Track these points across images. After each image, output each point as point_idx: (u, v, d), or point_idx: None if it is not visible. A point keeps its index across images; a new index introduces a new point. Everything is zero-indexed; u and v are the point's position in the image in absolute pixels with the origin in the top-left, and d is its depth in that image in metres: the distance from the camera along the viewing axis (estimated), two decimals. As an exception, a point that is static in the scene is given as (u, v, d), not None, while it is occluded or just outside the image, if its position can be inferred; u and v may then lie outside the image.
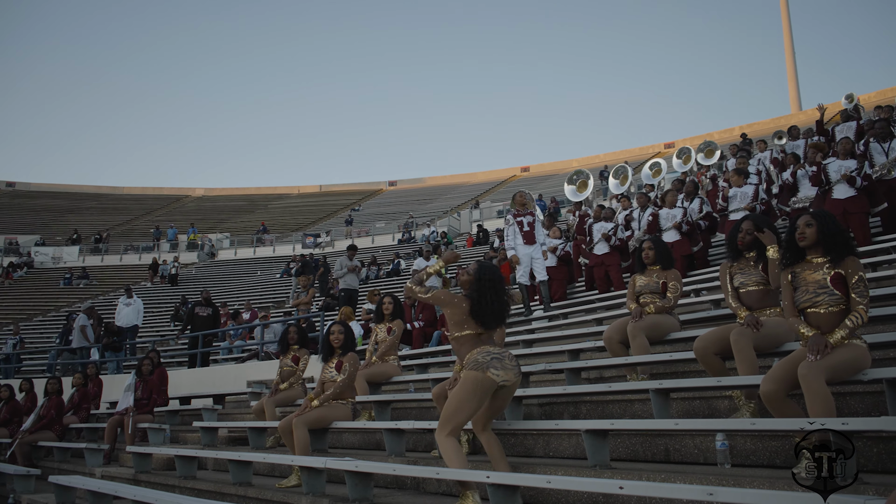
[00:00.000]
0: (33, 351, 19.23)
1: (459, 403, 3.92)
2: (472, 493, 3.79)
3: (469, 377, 3.93)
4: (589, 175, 14.49)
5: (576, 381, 5.56)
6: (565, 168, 44.99)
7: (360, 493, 4.28)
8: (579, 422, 4.10)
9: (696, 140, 34.46)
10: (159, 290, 27.46)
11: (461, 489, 3.84)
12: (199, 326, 12.96)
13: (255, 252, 34.04)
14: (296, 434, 5.56)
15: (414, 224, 32.31)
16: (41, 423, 9.82)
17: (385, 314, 7.39)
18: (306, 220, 44.02)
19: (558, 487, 3.28)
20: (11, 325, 22.33)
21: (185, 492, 5.98)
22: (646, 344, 5.17)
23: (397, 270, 21.51)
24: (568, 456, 4.66)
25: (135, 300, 15.21)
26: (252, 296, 22.68)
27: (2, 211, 47.31)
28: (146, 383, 9.32)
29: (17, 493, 7.50)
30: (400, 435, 5.30)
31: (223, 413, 9.32)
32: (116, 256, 35.09)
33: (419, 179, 53.79)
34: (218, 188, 56.02)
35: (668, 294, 5.50)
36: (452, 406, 3.95)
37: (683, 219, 9.17)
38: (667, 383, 4.18)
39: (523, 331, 8.83)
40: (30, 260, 33.84)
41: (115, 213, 48.61)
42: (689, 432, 3.97)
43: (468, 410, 3.93)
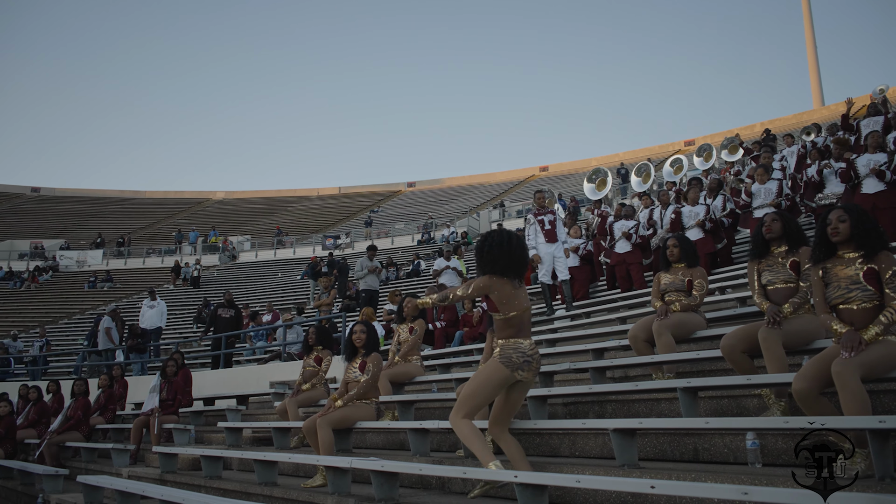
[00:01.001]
0: (59, 353, 19.50)
1: (479, 387, 3.98)
2: (493, 463, 3.86)
3: (496, 367, 3.96)
4: (607, 173, 14.43)
5: (601, 380, 5.52)
6: (584, 167, 44.80)
7: (385, 493, 4.27)
8: (607, 420, 4.05)
9: (717, 137, 34.16)
10: (182, 293, 27.72)
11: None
12: (221, 328, 13.06)
13: (275, 254, 34.27)
14: (320, 434, 5.57)
15: (433, 225, 32.34)
16: (68, 423, 9.94)
17: (407, 315, 7.39)
18: (326, 221, 44.24)
19: (588, 487, 3.24)
20: (38, 327, 22.68)
21: (211, 492, 6.01)
22: (672, 342, 5.12)
23: (417, 271, 21.51)
24: (594, 455, 4.62)
25: (158, 302, 15.37)
26: (273, 297, 22.81)
27: (27, 216, 48.13)
28: (171, 384, 9.40)
29: (46, 492, 7.60)
30: (424, 435, 5.28)
31: (247, 414, 9.38)
32: (139, 259, 35.49)
33: (438, 180, 53.86)
34: (238, 191, 56.53)
35: (693, 292, 5.44)
36: (471, 389, 4.00)
37: (707, 216, 9.07)
38: (695, 382, 4.12)
39: (546, 330, 8.79)
40: (55, 264, 34.31)
41: (137, 217, 49.20)
42: (718, 431, 3.92)
43: (485, 396, 4.00)
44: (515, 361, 3.94)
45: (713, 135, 39.54)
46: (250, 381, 11.48)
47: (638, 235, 9.77)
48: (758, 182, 8.81)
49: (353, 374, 5.95)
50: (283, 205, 51.96)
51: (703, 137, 39.54)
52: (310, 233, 38.77)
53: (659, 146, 45.43)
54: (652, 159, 33.22)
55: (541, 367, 4.05)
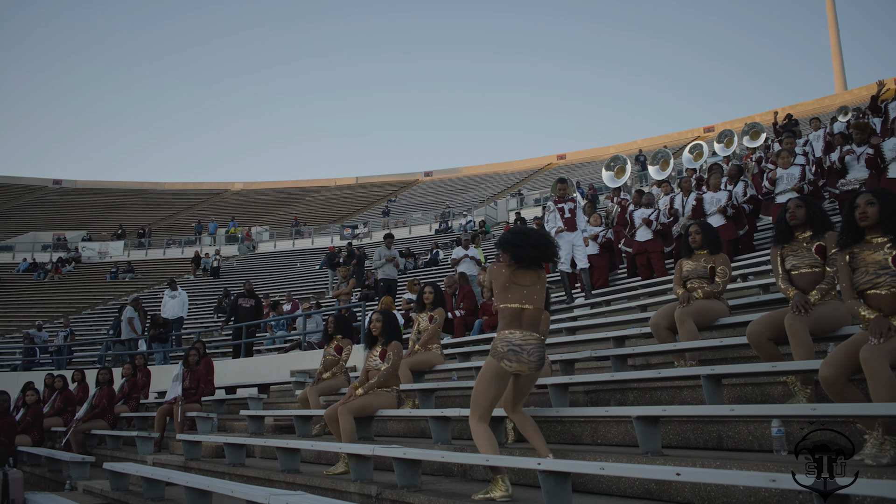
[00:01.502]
0: (83, 343, 19.78)
1: (480, 389, 4.00)
2: (502, 479, 3.82)
3: (487, 364, 4.00)
4: (626, 160, 14.28)
5: (622, 367, 5.49)
6: (602, 155, 44.51)
7: (408, 480, 4.29)
8: (630, 408, 4.04)
9: (737, 123, 33.75)
10: (202, 283, 27.97)
11: (492, 474, 3.86)
12: (242, 317, 13.17)
13: (293, 244, 34.44)
14: (341, 422, 5.60)
15: (451, 214, 32.30)
16: (94, 412, 10.09)
17: (426, 303, 7.40)
18: (344, 211, 44.38)
19: (612, 474, 3.23)
20: (62, 318, 23.03)
21: (235, 478, 6.08)
22: (694, 330, 5.07)
23: (435, 260, 21.52)
24: (617, 443, 4.61)
25: (179, 292, 15.51)
26: (292, 287, 22.95)
27: (50, 208, 48.76)
28: (193, 373, 9.50)
29: (73, 479, 7.73)
30: (445, 423, 5.30)
31: (268, 402, 9.45)
32: (160, 250, 35.83)
33: (455, 169, 53.79)
34: (256, 182, 56.85)
35: (716, 279, 5.38)
36: (476, 392, 4.02)
37: (728, 202, 8.97)
38: (719, 369, 4.08)
39: (566, 318, 8.76)
40: (77, 255, 34.75)
41: (157, 208, 49.66)
42: (743, 419, 3.89)
43: (491, 395, 3.99)
44: (500, 351, 3.90)
45: (733, 121, 39.09)
46: (271, 369, 11.58)
47: (658, 223, 9.69)
48: (781, 167, 8.69)
49: (374, 362, 5.97)
50: (301, 195, 52.18)
51: (723, 124, 39.09)
52: (328, 223, 38.90)
53: (678, 133, 44.99)
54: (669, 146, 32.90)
55: (542, 361, 4.00)
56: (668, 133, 45.54)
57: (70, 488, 7.61)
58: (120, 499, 6.37)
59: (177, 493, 5.82)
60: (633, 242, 9.98)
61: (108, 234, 39.57)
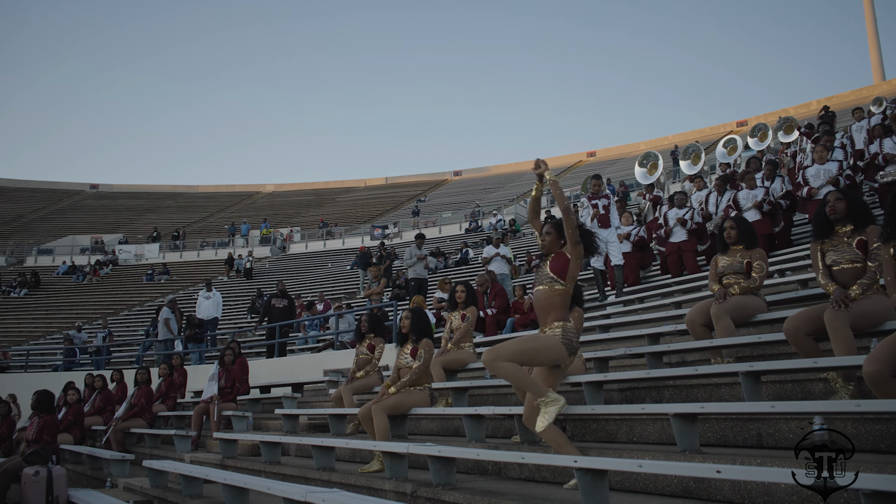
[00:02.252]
0: (121, 343, 20.18)
1: (530, 350, 4.04)
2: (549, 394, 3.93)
3: (557, 346, 4.04)
4: (658, 157, 14.14)
5: (657, 365, 5.43)
6: (633, 151, 44.10)
7: (443, 478, 4.29)
8: (667, 405, 3.99)
9: (771, 117, 33.16)
10: (235, 284, 28.33)
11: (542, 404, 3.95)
12: (275, 318, 13.31)
13: (324, 245, 34.72)
14: (375, 421, 5.62)
15: (480, 213, 32.27)
16: (133, 411, 10.29)
17: (458, 302, 7.39)
18: (374, 212, 44.61)
19: (650, 472, 3.20)
20: (100, 319, 23.52)
21: (271, 476, 6.14)
22: (731, 326, 4.99)
23: (466, 259, 21.51)
24: (653, 441, 4.56)
25: (214, 293, 15.74)
26: (324, 287, 23.13)
27: (87, 212, 49.85)
28: (228, 373, 9.62)
29: (114, 476, 7.89)
30: (479, 421, 5.29)
31: (302, 401, 9.54)
32: (194, 252, 36.41)
33: (484, 168, 53.76)
34: (287, 184, 57.44)
35: (752, 274, 5.29)
36: (523, 347, 4.04)
37: (765, 198, 8.81)
38: (758, 365, 4.01)
39: (598, 316, 8.70)
40: (114, 258, 35.48)
41: (191, 211, 50.45)
42: (783, 416, 3.82)
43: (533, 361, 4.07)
44: (573, 345, 4.06)
45: (766, 114, 38.41)
46: (304, 369, 11.69)
47: (693, 222, 9.55)
48: (816, 162, 8.51)
49: (405, 360, 5.98)
50: (331, 196, 52.58)
51: (757, 117, 38.46)
52: (358, 223, 39.13)
53: (710, 128, 44.41)
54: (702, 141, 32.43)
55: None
56: (700, 128, 44.99)
57: (111, 485, 7.76)
58: (159, 496, 6.48)
59: (214, 490, 5.91)
60: (666, 243, 9.83)
61: (143, 236, 40.33)
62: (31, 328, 25.99)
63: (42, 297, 30.03)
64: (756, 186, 9.06)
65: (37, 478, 6.75)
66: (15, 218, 47.58)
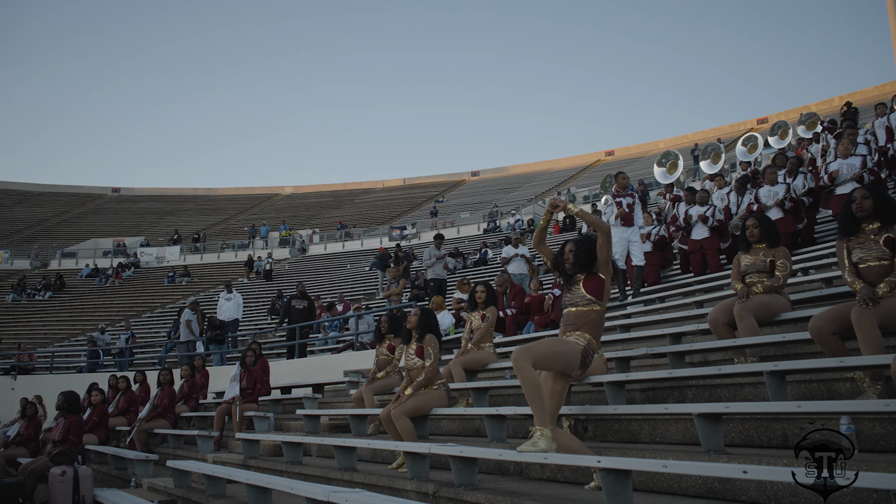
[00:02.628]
0: (143, 345, 20.40)
1: (554, 354, 4.04)
2: (541, 430, 3.86)
3: (576, 354, 4.06)
4: (678, 156, 14.03)
5: (680, 364, 5.39)
6: (652, 150, 43.85)
7: (464, 479, 4.29)
8: (691, 405, 3.96)
9: (792, 114, 32.78)
10: (255, 286, 28.54)
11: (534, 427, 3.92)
12: (296, 318, 13.39)
13: (343, 246, 34.83)
14: (399, 425, 5.60)
15: (499, 213, 32.25)
16: (156, 411, 10.40)
17: (479, 302, 7.39)
18: (392, 213, 44.71)
19: (675, 472, 3.18)
20: (123, 321, 23.79)
21: (293, 476, 6.18)
22: (754, 325, 4.94)
23: (484, 260, 21.50)
24: (676, 442, 4.53)
25: (234, 295, 15.86)
26: (343, 288, 23.23)
27: (109, 215, 50.48)
28: (250, 374, 9.69)
29: (139, 476, 7.98)
30: (501, 421, 5.29)
31: (323, 402, 9.59)
32: (214, 254, 36.70)
33: (502, 168, 53.69)
34: (306, 185, 57.81)
35: (776, 272, 5.24)
36: (549, 350, 4.04)
37: (787, 195, 8.71)
38: (783, 365, 3.97)
39: (619, 315, 8.64)
40: (136, 260, 35.88)
41: (211, 214, 50.91)
42: (809, 416, 3.77)
43: (550, 364, 4.06)
44: (587, 363, 4.12)
45: (788, 111, 38.01)
46: (325, 370, 11.75)
47: (715, 219, 9.47)
48: (840, 156, 8.40)
49: (412, 360, 5.91)
50: (350, 197, 52.80)
51: (778, 114, 38.06)
52: (376, 224, 39.25)
53: (730, 125, 43.98)
54: (722, 139, 32.16)
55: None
56: (720, 126, 44.59)
57: (136, 485, 7.85)
58: (183, 495, 6.54)
59: (237, 490, 5.96)
60: (688, 240, 9.77)
61: (164, 239, 40.73)
62: (55, 330, 26.36)
63: (66, 299, 30.46)
64: (777, 183, 8.96)
65: (63, 478, 6.86)
66: (39, 222, 48.31)
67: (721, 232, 9.53)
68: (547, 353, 4.03)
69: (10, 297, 30.56)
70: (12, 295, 30.69)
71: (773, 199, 8.77)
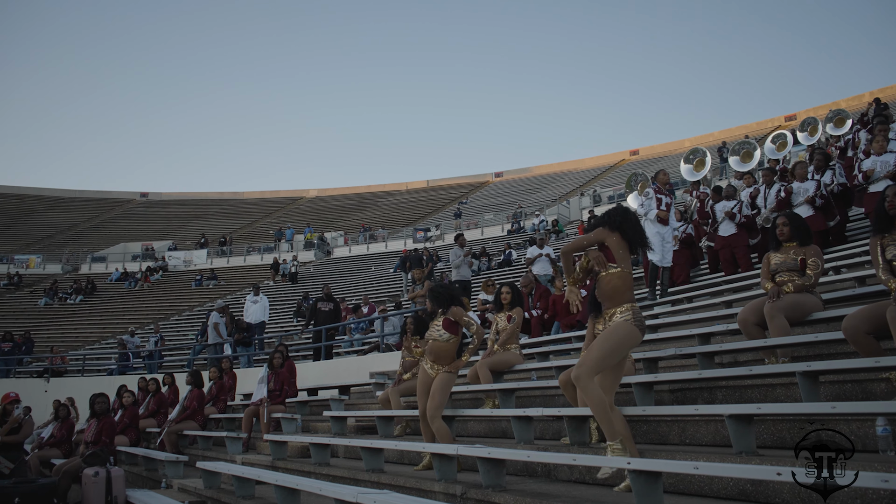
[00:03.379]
0: (172, 347, 20.67)
1: (612, 350, 3.97)
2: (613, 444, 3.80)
3: (631, 331, 3.99)
4: (706, 153, 13.86)
5: (709, 365, 5.33)
6: (677, 149, 43.42)
7: (492, 480, 4.29)
8: (722, 406, 3.91)
9: (821, 110, 32.29)
10: (280, 288, 28.76)
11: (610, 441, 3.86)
12: (321, 321, 13.47)
13: (368, 248, 34.97)
14: (434, 427, 5.56)
15: (523, 214, 32.15)
16: (185, 413, 10.53)
17: (504, 303, 7.38)
18: (416, 215, 44.80)
19: (707, 474, 3.14)
20: (152, 324, 24.13)
21: (321, 477, 6.21)
22: (786, 325, 4.87)
23: (509, 261, 21.45)
24: (706, 443, 4.48)
25: (261, 297, 16.01)
26: (368, 290, 23.32)
27: (138, 220, 51.26)
28: (277, 375, 9.78)
29: (169, 477, 8.08)
30: (528, 422, 5.27)
31: (349, 403, 9.63)
32: (240, 258, 37.06)
33: (526, 169, 53.54)
34: (330, 188, 58.18)
35: (807, 271, 5.16)
36: (602, 351, 3.95)
37: (817, 192, 8.56)
38: (815, 365, 3.91)
39: (646, 316, 8.55)
40: (164, 264, 36.37)
41: (237, 217, 51.44)
42: (843, 417, 3.70)
43: (614, 359, 4.01)
44: (643, 323, 4.04)
45: (817, 107, 37.43)
46: (351, 371, 11.80)
47: (742, 215, 9.34)
48: (874, 153, 8.23)
49: (437, 332, 5.69)
50: (373, 200, 53.01)
51: (806, 111, 37.49)
52: (400, 226, 39.35)
53: (757, 123, 43.41)
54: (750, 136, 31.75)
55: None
56: (747, 123, 44.01)
57: (166, 486, 7.96)
58: (213, 496, 6.61)
59: (266, 491, 6.01)
60: (716, 237, 9.66)
61: (192, 243, 41.24)
62: (86, 333, 26.83)
63: (96, 303, 30.98)
64: (807, 178, 8.82)
65: (96, 478, 6.97)
66: (70, 227, 49.21)
67: (749, 228, 9.40)
68: (607, 350, 3.96)
69: (43, 301, 31.15)
70: (45, 299, 31.28)
71: (803, 196, 8.64)
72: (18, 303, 31.86)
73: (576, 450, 4.62)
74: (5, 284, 34.44)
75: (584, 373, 3.90)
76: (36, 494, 6.50)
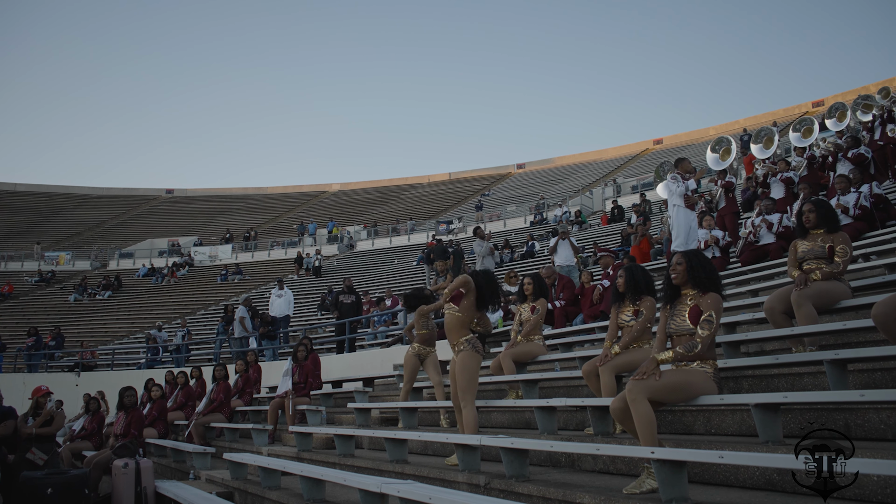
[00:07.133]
0: (199, 341, 20.94)
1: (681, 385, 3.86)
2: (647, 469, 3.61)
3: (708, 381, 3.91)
4: (731, 141, 13.66)
5: (735, 354, 5.28)
6: (702, 137, 42.90)
7: (516, 470, 4.28)
8: (748, 395, 3.86)
9: (850, 95, 31.66)
10: (304, 282, 28.95)
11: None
12: (343, 313, 13.54)
13: (391, 241, 35.05)
14: (465, 414, 5.50)
15: (545, 205, 31.99)
16: (212, 406, 10.67)
17: (527, 294, 7.34)
18: (438, 207, 44.80)
19: (732, 463, 3.10)
20: (179, 318, 24.45)
21: (346, 468, 6.26)
22: (813, 313, 4.79)
23: (532, 252, 21.38)
24: (732, 433, 4.43)
25: (286, 291, 16.13)
26: (391, 283, 23.39)
27: (164, 216, 51.90)
28: (302, 368, 9.85)
29: (197, 468, 8.20)
30: (551, 413, 5.25)
31: (373, 395, 9.68)
32: (265, 252, 37.37)
33: (548, 160, 53.26)
34: (353, 182, 58.38)
35: (835, 258, 5.06)
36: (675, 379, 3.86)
37: (856, 204, 8.39)
38: (844, 353, 3.84)
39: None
40: (190, 259, 36.80)
41: (261, 212, 51.86)
42: (873, 405, 3.64)
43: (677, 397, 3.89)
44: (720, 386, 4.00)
45: (845, 93, 36.70)
46: (374, 364, 11.86)
47: (781, 226, 9.15)
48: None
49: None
50: (396, 193, 53.10)
51: (834, 96, 36.80)
52: (423, 219, 39.38)
53: (783, 109, 42.72)
54: (777, 123, 31.22)
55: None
56: (773, 110, 43.33)
57: (194, 477, 8.07)
58: (240, 487, 6.69)
59: (292, 482, 6.07)
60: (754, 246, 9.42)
61: (217, 238, 41.67)
62: (115, 328, 27.25)
63: (125, 298, 31.44)
64: (850, 191, 8.64)
65: (126, 469, 7.08)
66: (98, 224, 50.00)
67: (787, 238, 9.21)
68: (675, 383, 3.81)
69: (73, 297, 31.70)
70: (74, 295, 31.82)
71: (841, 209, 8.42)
72: (49, 299, 32.45)
73: (599, 440, 4.60)
74: (37, 281, 35.10)
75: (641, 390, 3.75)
76: (68, 485, 6.62)
